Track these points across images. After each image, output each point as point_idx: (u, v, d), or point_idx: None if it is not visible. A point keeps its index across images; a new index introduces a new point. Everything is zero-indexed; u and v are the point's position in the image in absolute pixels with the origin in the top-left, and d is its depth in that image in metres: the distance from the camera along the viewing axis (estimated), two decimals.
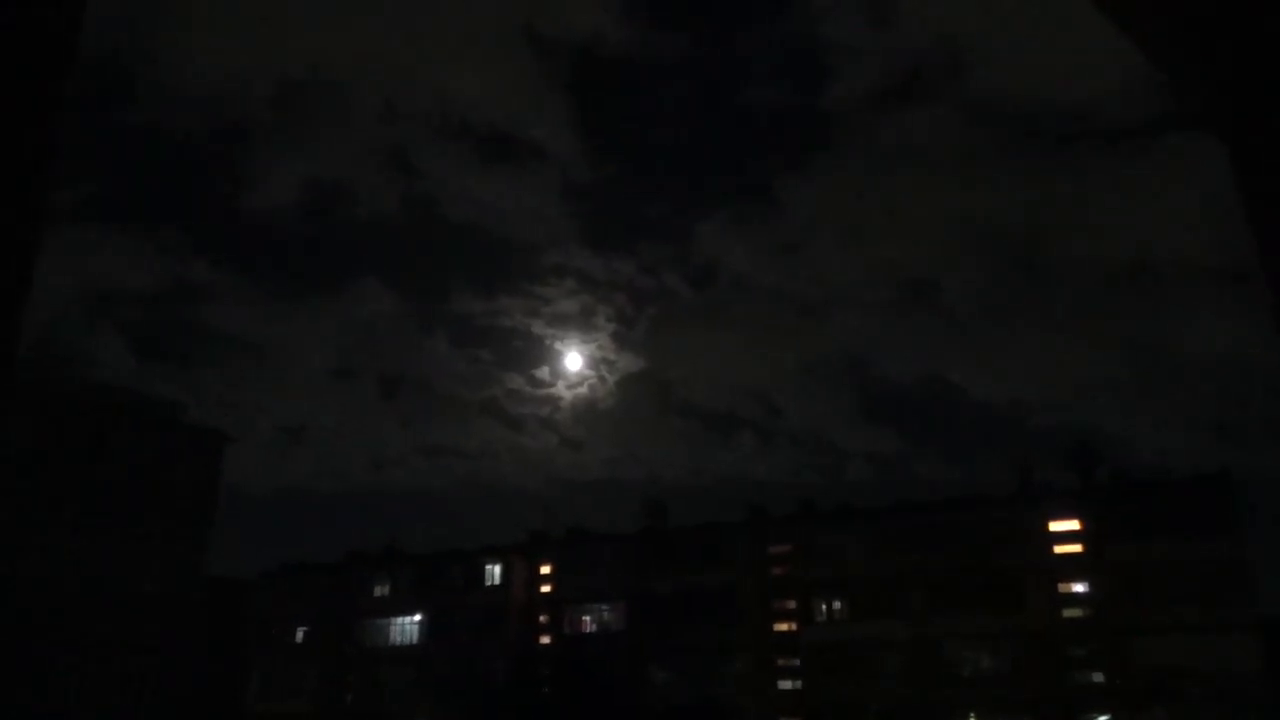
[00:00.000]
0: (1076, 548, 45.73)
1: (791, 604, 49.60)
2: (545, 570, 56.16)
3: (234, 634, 59.36)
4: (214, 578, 53.59)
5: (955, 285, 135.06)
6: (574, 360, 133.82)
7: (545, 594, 55.54)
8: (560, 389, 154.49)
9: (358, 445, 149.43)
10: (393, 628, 57.80)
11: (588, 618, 54.08)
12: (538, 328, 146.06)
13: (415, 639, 56.94)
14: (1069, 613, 44.99)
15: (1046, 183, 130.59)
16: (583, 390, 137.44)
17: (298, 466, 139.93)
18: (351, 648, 57.83)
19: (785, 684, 48.92)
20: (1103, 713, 42.73)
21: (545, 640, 54.39)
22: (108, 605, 45.06)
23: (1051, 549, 45.97)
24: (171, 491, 49.26)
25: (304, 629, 60.07)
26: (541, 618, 55.01)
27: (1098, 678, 43.44)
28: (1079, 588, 45.37)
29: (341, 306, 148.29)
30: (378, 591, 58.93)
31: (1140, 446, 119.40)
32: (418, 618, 57.31)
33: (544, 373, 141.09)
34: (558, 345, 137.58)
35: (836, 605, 48.90)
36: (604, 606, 53.35)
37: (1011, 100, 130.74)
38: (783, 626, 49.78)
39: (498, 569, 56.21)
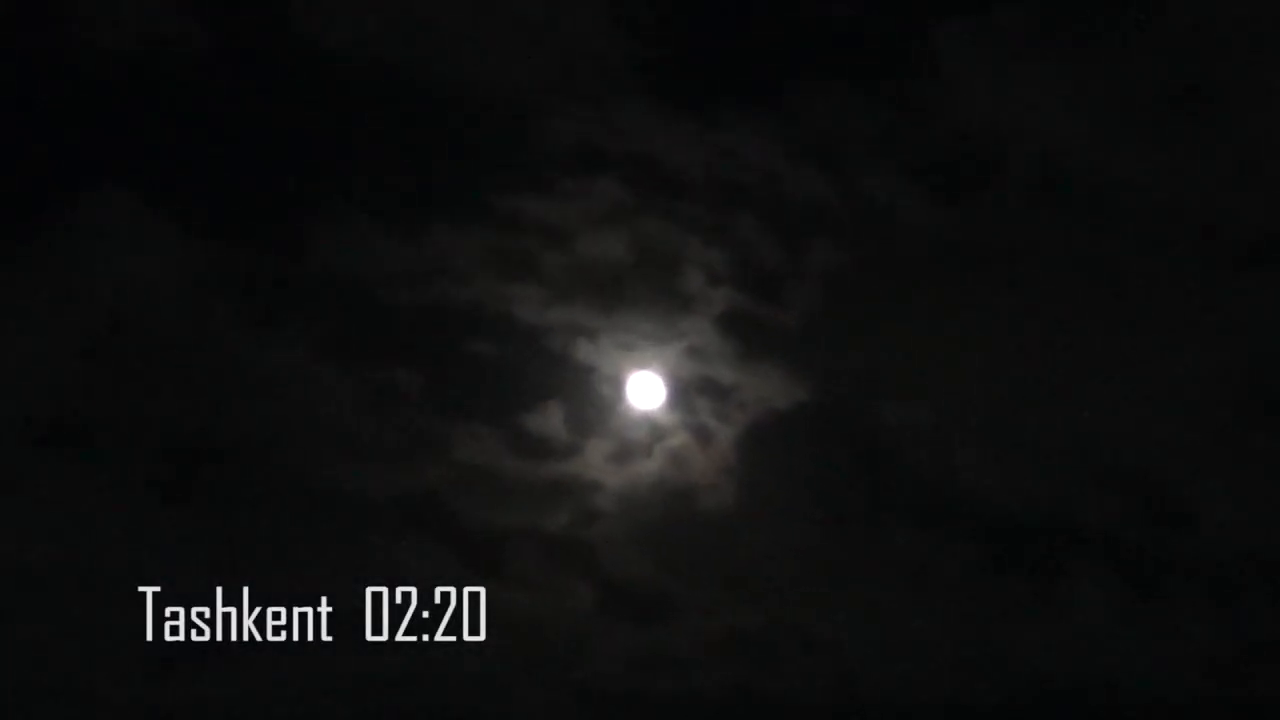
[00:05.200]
0: None
1: None
2: None
3: None
4: None
5: None
6: (635, 387, 40.18)
7: None
8: (595, 460, 52.12)
9: (84, 635, 52.85)
10: None
11: None
12: (529, 307, 51.45)
13: None
14: None
15: None
16: (650, 465, 42.82)
17: None
18: None
19: None
20: None
21: None
22: None
23: None
24: None
25: None
26: None
27: None
28: None
29: (52, 258, 54.93)
30: None
31: None
32: None
33: (551, 421, 45.44)
34: (583, 349, 43.16)
35: None
36: None
37: None
38: None
39: None
